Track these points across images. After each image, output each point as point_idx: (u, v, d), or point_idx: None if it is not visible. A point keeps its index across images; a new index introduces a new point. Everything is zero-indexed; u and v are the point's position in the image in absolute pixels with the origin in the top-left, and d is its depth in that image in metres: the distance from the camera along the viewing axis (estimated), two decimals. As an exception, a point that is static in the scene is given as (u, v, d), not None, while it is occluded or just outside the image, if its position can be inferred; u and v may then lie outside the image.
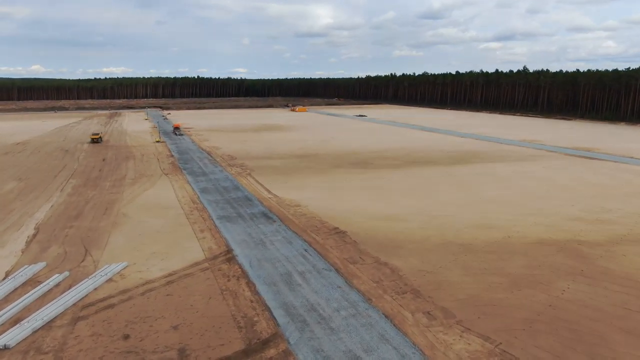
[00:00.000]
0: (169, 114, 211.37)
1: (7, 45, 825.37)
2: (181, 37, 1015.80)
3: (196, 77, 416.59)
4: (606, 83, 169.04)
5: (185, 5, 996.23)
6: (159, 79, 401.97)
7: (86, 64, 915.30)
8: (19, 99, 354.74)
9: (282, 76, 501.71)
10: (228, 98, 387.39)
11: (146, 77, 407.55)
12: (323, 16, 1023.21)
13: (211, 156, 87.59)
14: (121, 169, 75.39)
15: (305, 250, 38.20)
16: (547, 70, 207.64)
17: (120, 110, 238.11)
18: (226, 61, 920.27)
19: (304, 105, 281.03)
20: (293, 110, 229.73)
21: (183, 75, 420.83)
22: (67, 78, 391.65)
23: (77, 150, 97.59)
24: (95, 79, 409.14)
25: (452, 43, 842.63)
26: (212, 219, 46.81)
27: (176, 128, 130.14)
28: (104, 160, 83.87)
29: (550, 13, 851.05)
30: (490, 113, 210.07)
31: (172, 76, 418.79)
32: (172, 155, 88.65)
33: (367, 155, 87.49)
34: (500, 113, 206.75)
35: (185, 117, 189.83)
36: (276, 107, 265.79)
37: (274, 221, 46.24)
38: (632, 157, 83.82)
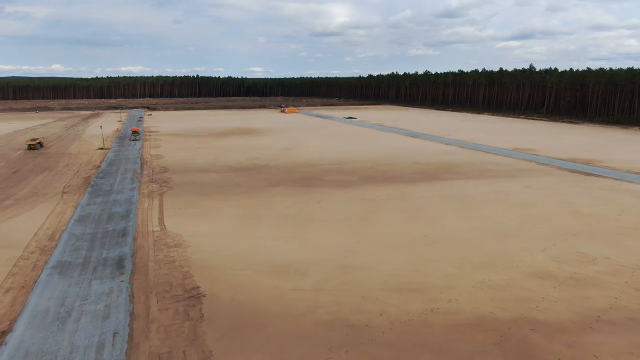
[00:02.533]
0: (150, 115, 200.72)
1: (28, 44, 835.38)
2: (198, 36, 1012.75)
3: (195, 76, 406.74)
4: (618, 83, 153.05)
5: (202, 4, 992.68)
6: (157, 78, 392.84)
7: (104, 63, 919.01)
8: (14, 99, 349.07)
9: (297, 75, 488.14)
10: (226, 98, 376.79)
11: (145, 76, 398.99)
12: (339, 15, 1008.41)
13: (142, 168, 75.70)
14: (22, 184, 63.86)
15: (115, 333, 25.79)
16: (556, 68, 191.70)
17: (104, 111, 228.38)
18: (242, 60, 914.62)
19: (301, 105, 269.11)
20: (283, 111, 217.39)
21: (201, 75, 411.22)
22: (86, 77, 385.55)
23: (2, 158, 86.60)
24: (92, 78, 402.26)
25: (469, 42, 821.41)
26: (42, 269, 34.71)
27: (134, 132, 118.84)
28: (15, 172, 72.57)
29: (571, 11, 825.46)
30: (492, 115, 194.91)
31: (188, 75, 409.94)
32: (98, 167, 76.96)
33: (322, 168, 74.75)
34: (503, 115, 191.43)
35: (163, 119, 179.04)
36: (269, 107, 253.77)
37: (122, 273, 33.95)
38: (638, 174, 69.64)
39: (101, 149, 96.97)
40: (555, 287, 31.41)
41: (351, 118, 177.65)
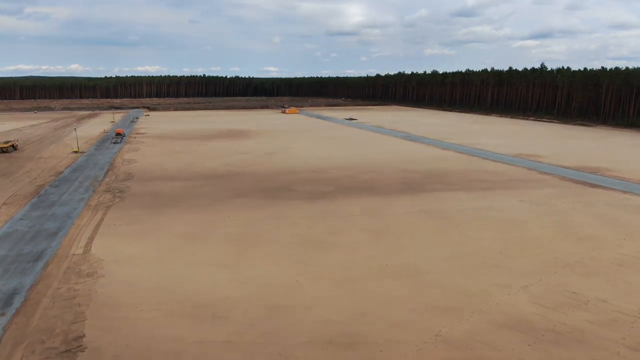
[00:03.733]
0: (147, 115, 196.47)
1: (48, 44, 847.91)
2: (214, 36, 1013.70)
3: (202, 75, 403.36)
4: (633, 84, 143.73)
5: (218, 4, 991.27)
6: (164, 77, 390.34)
7: (122, 62, 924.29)
8: (21, 98, 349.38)
9: (312, 75, 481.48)
10: (232, 98, 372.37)
11: (152, 75, 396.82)
12: (355, 14, 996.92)
13: (106, 175, 70.25)
14: (-33, 193, 58.82)
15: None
16: (568, 68, 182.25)
17: (103, 111, 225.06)
18: (258, 60, 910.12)
19: (306, 106, 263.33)
20: (284, 112, 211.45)
21: (215, 75, 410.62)
22: (103, 76, 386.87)
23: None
24: (98, 77, 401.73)
25: (486, 41, 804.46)
26: None
27: (117, 134, 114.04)
28: (-31, 179, 67.73)
29: (591, 9, 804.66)
30: (500, 116, 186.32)
31: (200, 75, 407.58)
32: (60, 173, 71.69)
33: (300, 176, 68.44)
34: (512, 117, 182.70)
35: (158, 120, 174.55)
36: (272, 107, 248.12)
37: (3, 314, 28.11)
38: (651, 185, 62.06)
39: (75, 152, 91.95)
40: (531, 345, 24.70)
41: (351, 119, 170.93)
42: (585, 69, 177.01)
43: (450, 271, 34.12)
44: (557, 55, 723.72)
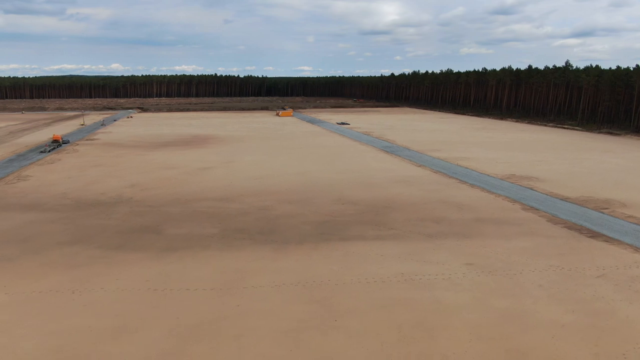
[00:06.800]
0: (130, 117, 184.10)
1: (90, 44, 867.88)
2: (248, 35, 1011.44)
3: (214, 74, 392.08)
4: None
5: (252, 4, 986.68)
6: (174, 77, 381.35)
7: (159, 62, 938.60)
8: (30, 97, 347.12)
9: (347, 74, 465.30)
10: (241, 98, 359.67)
11: (163, 75, 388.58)
12: (389, 13, 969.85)
13: (-40, 200, 55.64)
14: None
15: None
16: (597, 66, 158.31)
17: (92, 112, 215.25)
18: (292, 59, 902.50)
19: (309, 107, 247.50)
20: (278, 114, 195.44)
21: (249, 74, 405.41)
22: (142, 74, 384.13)
23: None
24: (108, 76, 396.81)
25: (525, 40, 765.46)
26: None
27: (54, 141, 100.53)
28: None
29: (637, 6, 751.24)
30: (516, 121, 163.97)
31: (233, 75, 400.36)
32: None
33: (197, 207, 51.69)
34: (530, 122, 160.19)
35: (134, 123, 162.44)
36: (271, 109, 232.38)
37: None
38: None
39: (-23, 164, 78.48)
40: None
41: (344, 124, 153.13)
42: (619, 67, 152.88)
43: None
44: (600, 54, 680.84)
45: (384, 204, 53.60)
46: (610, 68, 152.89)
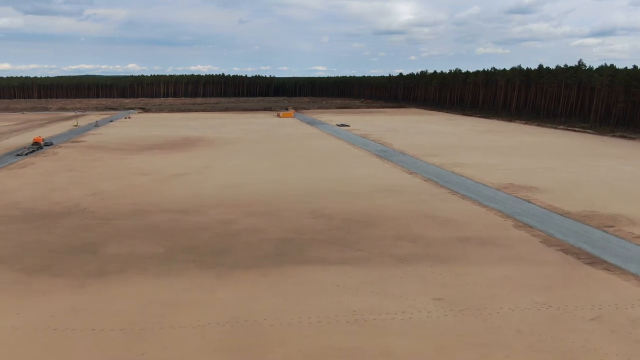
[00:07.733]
0: (128, 118, 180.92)
1: (107, 44, 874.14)
2: (263, 35, 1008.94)
3: (221, 74, 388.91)
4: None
5: (267, 4, 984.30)
6: (181, 77, 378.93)
7: (175, 62, 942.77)
8: (38, 97, 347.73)
9: (360, 74, 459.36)
10: (245, 98, 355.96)
11: (170, 74, 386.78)
12: (403, 13, 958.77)
13: None
14: None
15: None
16: (612, 65, 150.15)
17: (92, 113, 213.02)
18: (306, 60, 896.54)
19: (314, 108, 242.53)
20: (278, 115, 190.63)
21: (262, 74, 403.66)
22: (159, 74, 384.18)
23: None
24: (115, 76, 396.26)
25: (543, 39, 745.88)
26: None
27: (34, 143, 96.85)
28: None
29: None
30: (524, 124, 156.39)
31: (246, 75, 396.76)
32: None
33: (148, 222, 46.81)
34: (539, 124, 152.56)
35: (130, 124, 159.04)
36: (274, 110, 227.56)
37: None
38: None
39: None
40: None
41: (343, 125, 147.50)
42: (635, 67, 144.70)
43: None
44: (619, 54, 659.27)
45: (360, 218, 48.13)
46: (626, 68, 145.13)
